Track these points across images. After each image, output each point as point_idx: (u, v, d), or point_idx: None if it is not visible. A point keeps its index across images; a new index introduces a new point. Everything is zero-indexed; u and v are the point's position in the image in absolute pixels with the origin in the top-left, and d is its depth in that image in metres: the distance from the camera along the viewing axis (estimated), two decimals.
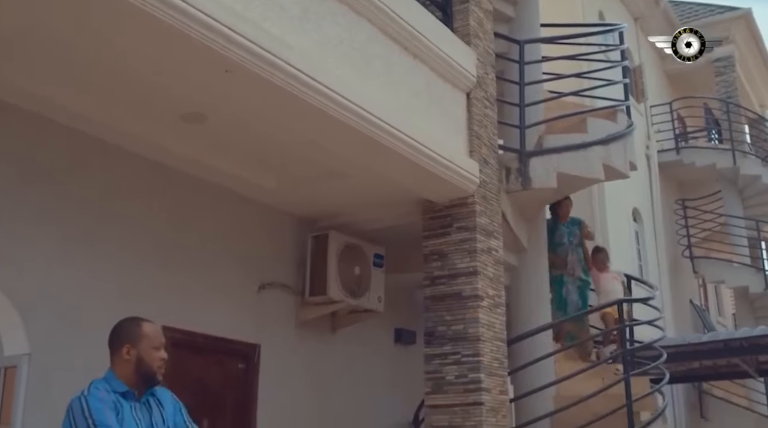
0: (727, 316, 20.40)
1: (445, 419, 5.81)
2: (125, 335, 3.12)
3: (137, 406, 3.02)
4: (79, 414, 2.86)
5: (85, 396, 2.92)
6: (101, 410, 2.87)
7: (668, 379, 7.77)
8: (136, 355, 3.07)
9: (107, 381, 3.04)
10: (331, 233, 6.61)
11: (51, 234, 4.84)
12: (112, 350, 3.12)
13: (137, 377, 3.07)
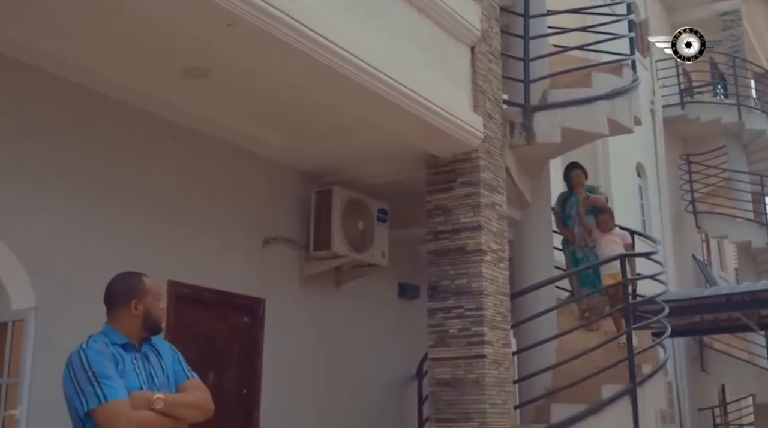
0: (729, 271, 20.48)
1: (448, 371, 5.89)
2: (131, 291, 3.13)
3: (137, 357, 3.04)
4: (78, 367, 2.87)
5: (83, 350, 2.93)
6: (101, 362, 2.89)
7: (669, 333, 7.85)
8: (143, 310, 3.09)
9: (106, 335, 3.06)
10: (335, 188, 6.61)
11: (55, 190, 4.86)
12: (115, 305, 3.12)
13: (143, 330, 3.09)
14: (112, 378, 2.86)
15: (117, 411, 2.80)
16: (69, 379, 2.87)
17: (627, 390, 6.67)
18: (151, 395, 2.92)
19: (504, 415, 5.89)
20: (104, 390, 2.81)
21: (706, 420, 16.00)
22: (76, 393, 2.83)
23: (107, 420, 2.78)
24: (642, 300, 7.89)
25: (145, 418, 2.86)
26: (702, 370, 15.54)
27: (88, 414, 2.80)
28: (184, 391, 3.11)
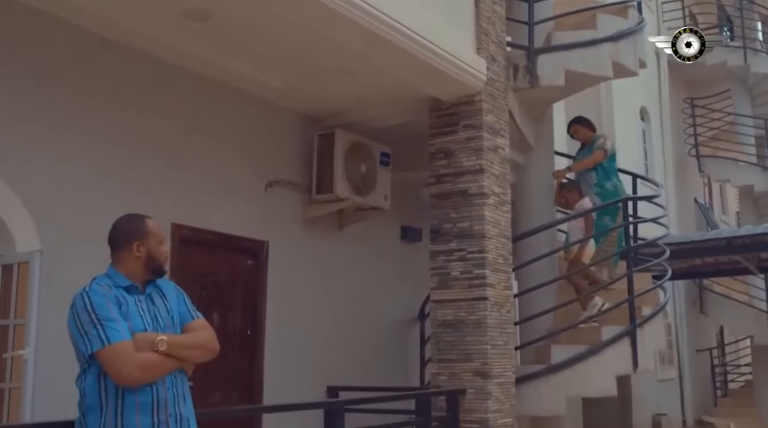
0: (730, 215, 20.52)
1: (450, 313, 5.96)
2: (134, 233, 3.10)
3: (141, 299, 3.02)
4: (82, 310, 2.85)
5: (86, 292, 2.90)
6: (104, 304, 2.87)
7: (670, 276, 7.90)
8: (145, 252, 3.07)
9: (110, 277, 3.04)
10: (337, 131, 6.59)
11: (57, 134, 4.85)
12: (118, 247, 3.09)
13: (146, 272, 3.08)
14: (115, 321, 2.85)
15: (120, 353, 2.79)
16: (73, 321, 2.86)
17: (627, 332, 6.76)
18: (155, 336, 2.91)
19: (505, 356, 5.98)
20: (107, 332, 2.80)
21: (704, 361, 16.24)
22: (80, 335, 2.83)
23: (110, 362, 2.78)
24: (643, 244, 7.92)
25: (148, 360, 2.85)
26: (701, 312, 15.70)
27: (92, 356, 2.81)
28: (189, 332, 3.09)
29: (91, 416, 2.81)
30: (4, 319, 4.44)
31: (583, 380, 6.51)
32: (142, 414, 2.81)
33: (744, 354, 17.76)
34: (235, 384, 5.98)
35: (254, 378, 6.09)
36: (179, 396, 2.96)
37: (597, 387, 6.73)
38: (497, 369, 5.84)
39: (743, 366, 17.76)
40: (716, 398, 16.44)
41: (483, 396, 5.74)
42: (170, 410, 2.90)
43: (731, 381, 17.74)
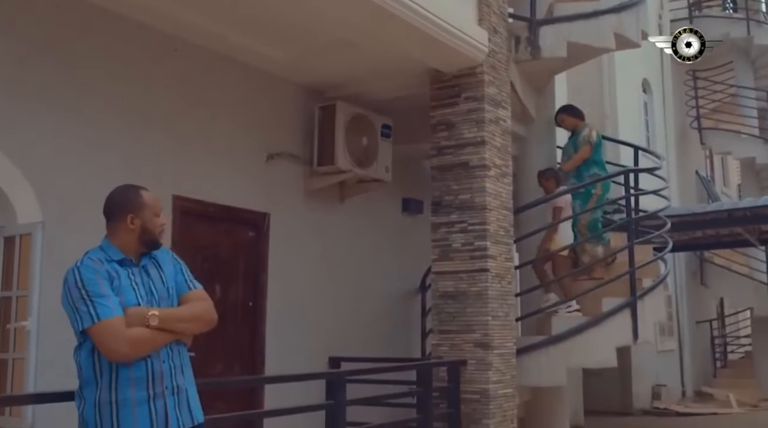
0: (732, 187, 20.50)
1: (451, 285, 5.98)
2: (128, 205, 3.02)
3: (135, 272, 2.96)
4: (72, 286, 2.82)
5: (77, 267, 2.85)
6: (93, 280, 2.82)
7: (671, 248, 7.90)
8: (140, 224, 2.99)
9: (103, 250, 2.98)
10: (338, 103, 6.56)
11: (58, 107, 4.82)
12: (111, 219, 3.01)
13: (140, 245, 3.01)
14: (105, 297, 2.81)
15: (110, 330, 2.76)
16: (65, 297, 2.84)
17: (627, 304, 6.78)
18: (146, 311, 2.86)
19: (506, 327, 6.01)
20: (97, 308, 2.77)
21: (704, 333, 16.33)
22: (72, 311, 2.81)
23: (100, 338, 2.76)
24: (644, 216, 7.93)
25: (139, 335, 2.81)
26: (701, 284, 15.76)
27: (83, 332, 2.80)
28: (186, 303, 3.04)
29: (88, 389, 2.82)
30: (6, 291, 4.46)
31: (584, 351, 6.56)
32: (137, 387, 2.80)
33: (744, 326, 17.86)
34: (237, 355, 6.01)
35: (256, 349, 6.13)
36: (176, 368, 2.92)
37: (597, 358, 6.78)
38: (498, 340, 5.87)
39: (743, 338, 17.86)
40: (716, 369, 16.57)
41: (484, 367, 5.77)
42: (166, 382, 2.87)
43: (731, 352, 17.85)
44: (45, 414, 4.06)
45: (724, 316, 18.41)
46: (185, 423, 2.91)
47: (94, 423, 2.77)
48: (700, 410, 13.02)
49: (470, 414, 5.75)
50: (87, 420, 2.80)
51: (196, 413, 2.99)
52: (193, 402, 2.99)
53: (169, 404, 2.87)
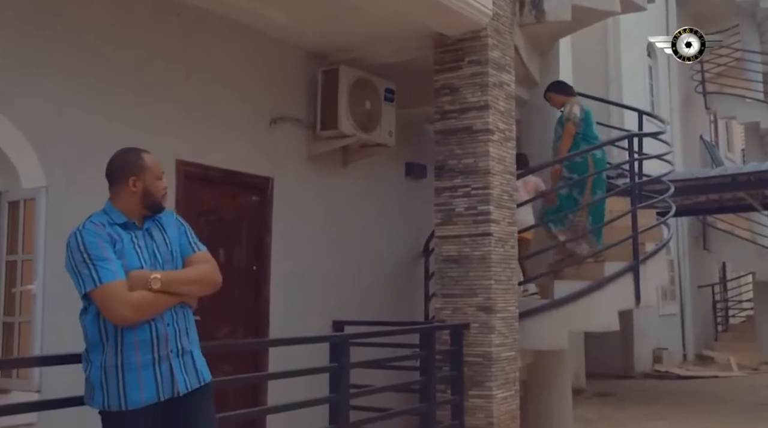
0: (736, 152, 20.45)
1: (454, 249, 5.99)
2: (130, 168, 3.00)
3: (138, 235, 2.96)
4: (75, 249, 2.82)
5: (80, 231, 2.86)
6: (95, 243, 2.82)
7: (674, 212, 7.92)
8: (142, 187, 2.99)
9: (106, 213, 2.97)
10: (341, 67, 6.51)
11: (60, 71, 4.79)
12: (114, 182, 3.02)
13: (143, 208, 3.01)
14: (108, 260, 2.81)
15: (112, 294, 2.77)
16: (68, 261, 2.85)
17: (630, 268, 6.81)
18: (148, 274, 2.86)
19: (508, 291, 6.04)
20: (99, 272, 2.78)
21: (706, 297, 16.42)
22: (74, 274, 2.82)
23: (103, 302, 2.78)
24: (648, 180, 7.91)
25: (142, 299, 2.82)
26: (704, 249, 15.80)
27: (86, 296, 2.82)
28: (190, 265, 3.04)
29: (94, 353, 2.85)
30: (11, 255, 4.48)
31: (586, 315, 6.60)
32: (142, 351, 2.82)
33: (746, 290, 17.94)
34: (241, 318, 6.06)
35: (260, 312, 6.17)
36: (181, 331, 2.94)
37: (599, 322, 6.82)
38: (501, 304, 5.91)
39: (744, 302, 17.96)
40: (717, 333, 16.68)
41: (486, 330, 5.81)
42: (171, 345, 2.89)
43: (732, 316, 17.96)
44: (52, 377, 4.10)
45: (726, 281, 18.48)
46: (192, 383, 2.95)
47: (101, 386, 2.81)
48: (700, 373, 13.14)
49: (473, 376, 5.81)
50: (93, 383, 2.84)
51: (203, 372, 3.02)
52: (199, 362, 3.02)
53: (174, 366, 2.90)
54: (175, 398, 2.89)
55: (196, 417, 2.98)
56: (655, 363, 13.59)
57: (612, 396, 10.50)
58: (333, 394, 4.67)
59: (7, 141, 4.49)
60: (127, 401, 2.79)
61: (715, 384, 11.94)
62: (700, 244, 15.81)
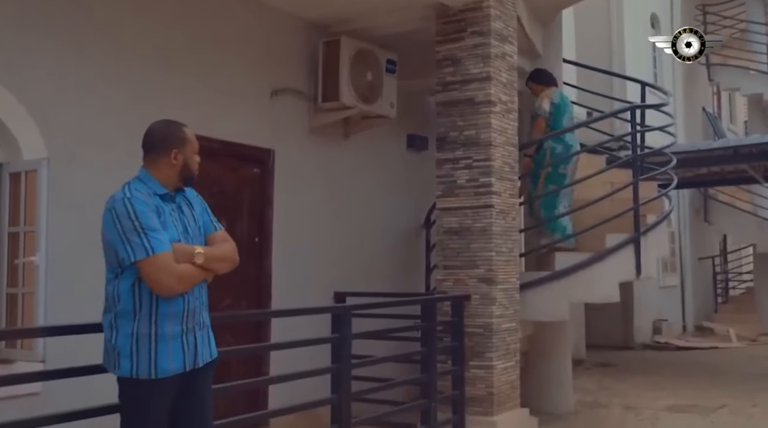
0: (738, 124, 20.37)
1: (456, 221, 6.00)
2: (173, 140, 3.04)
3: (174, 208, 3.02)
4: (124, 216, 2.81)
5: (128, 198, 2.84)
6: (146, 213, 2.84)
7: (675, 184, 7.90)
8: (182, 160, 3.04)
9: (144, 183, 2.97)
10: (342, 38, 6.47)
11: (60, 42, 4.76)
12: (155, 153, 3.03)
13: (179, 181, 3.06)
14: (157, 231, 2.84)
15: (162, 264, 2.81)
16: (113, 226, 2.82)
17: (631, 239, 6.81)
18: (192, 249, 2.94)
19: (509, 263, 6.06)
20: (151, 242, 2.80)
21: (707, 269, 16.46)
22: (121, 241, 2.81)
23: (153, 272, 2.81)
24: (650, 152, 7.89)
25: (187, 272, 2.90)
26: (705, 221, 15.81)
27: (131, 264, 2.82)
28: (212, 243, 3.11)
29: (124, 320, 2.85)
30: (14, 226, 4.49)
31: (587, 286, 6.62)
32: (174, 322, 2.89)
33: (746, 262, 17.98)
34: (244, 290, 6.08)
35: (263, 284, 6.19)
36: (203, 304, 3.05)
37: (600, 294, 6.84)
38: (502, 275, 5.93)
39: (744, 274, 18.01)
40: (717, 304, 16.76)
41: (487, 301, 5.84)
42: (197, 318, 2.99)
43: (732, 288, 18.03)
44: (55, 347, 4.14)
45: (727, 253, 18.52)
46: (206, 357, 3.05)
47: (129, 353, 2.84)
48: (699, 344, 13.22)
49: (473, 347, 5.85)
50: (120, 350, 2.85)
51: (214, 348, 3.13)
52: (212, 337, 3.13)
53: (198, 338, 3.00)
54: (193, 369, 2.97)
55: (203, 388, 3.08)
56: (654, 334, 13.67)
57: (612, 366, 10.58)
58: (335, 364, 4.71)
59: (7, 112, 4.48)
60: (157, 370, 2.85)
61: (714, 355, 12.02)
62: (701, 216, 15.81)
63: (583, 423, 6.82)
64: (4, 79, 4.45)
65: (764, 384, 8.93)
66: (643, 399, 8.03)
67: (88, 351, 3.32)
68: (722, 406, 7.57)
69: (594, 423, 6.83)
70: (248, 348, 5.76)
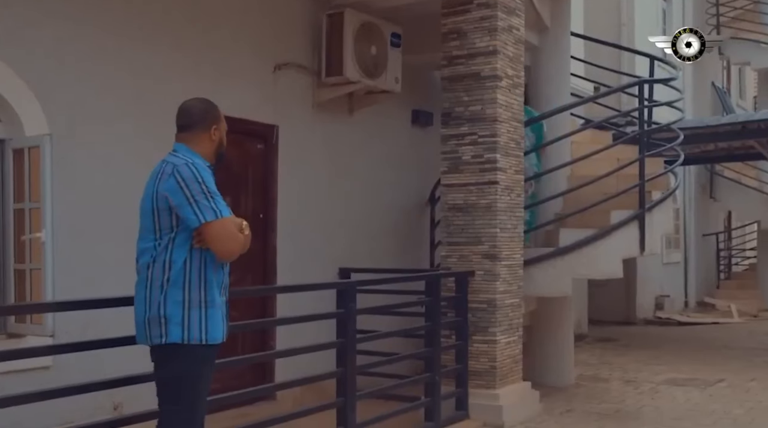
0: (747, 99, 20.22)
1: (461, 197, 5.99)
2: (213, 116, 3.13)
3: None
4: (191, 179, 2.86)
5: (192, 163, 2.91)
6: (210, 179, 2.93)
7: (682, 160, 7.86)
8: (219, 136, 3.13)
9: (193, 156, 3.02)
10: (346, 11, 6.40)
11: (60, 18, 4.72)
12: (194, 129, 3.08)
13: (214, 157, 3.14)
14: (221, 196, 2.94)
15: (230, 228, 2.93)
16: (179, 188, 2.86)
17: (636, 216, 6.80)
18: (240, 220, 3.05)
19: (513, 239, 6.06)
20: (219, 206, 2.89)
21: (710, 245, 16.45)
22: (188, 204, 2.85)
23: (220, 235, 2.89)
24: (657, 128, 7.85)
25: (242, 240, 3.00)
26: (710, 197, 15.77)
27: (196, 226, 2.86)
28: None
29: (174, 288, 2.89)
30: (19, 203, 4.50)
31: (590, 262, 6.63)
32: (218, 291, 2.99)
33: (750, 239, 17.96)
34: (249, 266, 6.08)
35: (267, 260, 6.21)
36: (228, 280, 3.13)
37: (603, 270, 6.85)
38: (506, 252, 5.93)
39: (748, 250, 18.00)
40: (719, 281, 16.77)
41: (491, 277, 5.85)
42: (227, 291, 3.09)
43: (735, 264, 18.03)
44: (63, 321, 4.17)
45: (731, 229, 18.49)
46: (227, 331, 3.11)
47: (181, 320, 2.89)
48: (701, 320, 13.27)
49: (477, 322, 5.87)
50: (170, 317, 2.88)
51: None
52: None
53: (227, 312, 3.10)
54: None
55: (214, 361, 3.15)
56: (656, 310, 13.71)
57: (613, 341, 10.63)
58: (341, 339, 4.74)
59: (9, 88, 4.47)
60: (209, 336, 2.93)
61: (714, 331, 12.07)
62: (706, 193, 15.77)
63: (583, 396, 6.88)
64: (4, 54, 4.42)
65: (763, 359, 8.99)
66: (643, 373, 8.08)
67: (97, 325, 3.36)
68: (721, 380, 7.62)
69: (594, 396, 6.88)
70: (257, 322, 5.80)
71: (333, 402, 4.69)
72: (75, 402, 3.56)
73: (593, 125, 8.01)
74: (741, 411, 6.30)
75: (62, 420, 4.13)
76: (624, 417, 6.17)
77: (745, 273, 17.36)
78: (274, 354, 5.71)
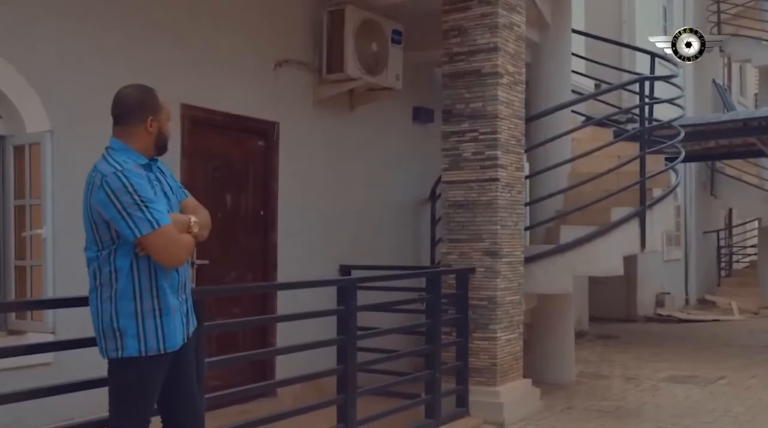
0: (748, 97, 20.20)
1: (461, 194, 5.98)
2: (148, 106, 2.89)
3: (152, 178, 2.89)
4: (121, 191, 2.67)
5: (121, 172, 2.70)
6: (143, 185, 2.73)
7: (683, 157, 7.85)
8: (157, 128, 2.90)
9: (126, 154, 2.82)
10: (347, 8, 6.40)
11: (62, 15, 4.72)
12: (128, 121, 2.87)
13: (154, 149, 2.93)
14: (157, 202, 2.76)
15: (169, 236, 2.74)
16: (109, 202, 2.69)
17: (636, 213, 6.80)
18: (188, 218, 2.88)
19: (514, 236, 6.05)
20: (154, 215, 2.70)
21: (711, 243, 16.45)
22: (121, 217, 2.68)
23: (161, 245, 2.73)
24: (657, 125, 7.83)
25: (189, 242, 2.84)
26: (711, 195, 15.76)
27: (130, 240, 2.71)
28: (187, 209, 3.01)
29: (124, 300, 2.75)
30: (20, 199, 4.50)
31: (591, 260, 6.62)
32: (172, 295, 2.85)
33: (751, 236, 17.96)
34: (249, 263, 6.10)
35: (268, 257, 6.21)
36: (188, 276, 3.00)
37: (604, 267, 6.85)
38: (506, 248, 5.93)
39: (749, 248, 17.99)
40: (720, 278, 16.76)
41: (492, 274, 5.85)
42: (186, 289, 2.97)
43: (736, 262, 18.02)
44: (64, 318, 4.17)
45: (732, 226, 18.49)
46: (192, 327, 3.04)
47: (136, 332, 2.75)
48: (701, 317, 13.27)
49: (477, 319, 5.87)
50: (125, 330, 2.76)
51: (194, 317, 3.09)
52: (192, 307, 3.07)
53: (188, 309, 2.98)
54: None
55: (190, 354, 3.05)
56: (657, 307, 13.71)
57: (614, 338, 10.63)
58: (341, 336, 4.74)
59: (10, 85, 4.47)
60: (167, 344, 2.81)
61: (715, 328, 12.07)
62: (707, 190, 15.76)
63: (584, 394, 6.88)
64: (5, 50, 4.42)
65: (764, 357, 8.98)
66: (644, 370, 8.09)
67: None
68: (721, 377, 7.62)
69: (595, 394, 6.89)
70: (257, 319, 5.80)
71: (333, 399, 4.70)
72: (75, 399, 3.55)
73: (594, 122, 8.00)
74: (741, 409, 6.30)
75: (63, 417, 4.13)
76: (624, 414, 6.17)
77: (746, 270, 17.35)
78: (274, 351, 5.72)
